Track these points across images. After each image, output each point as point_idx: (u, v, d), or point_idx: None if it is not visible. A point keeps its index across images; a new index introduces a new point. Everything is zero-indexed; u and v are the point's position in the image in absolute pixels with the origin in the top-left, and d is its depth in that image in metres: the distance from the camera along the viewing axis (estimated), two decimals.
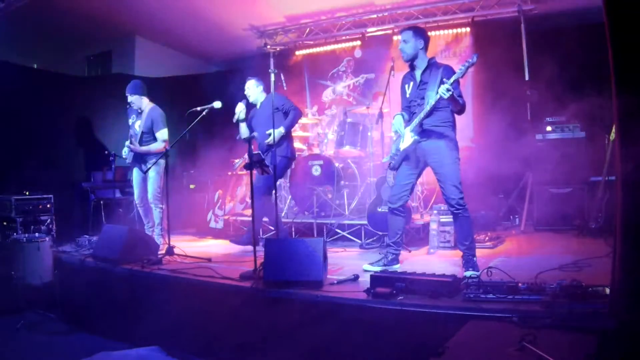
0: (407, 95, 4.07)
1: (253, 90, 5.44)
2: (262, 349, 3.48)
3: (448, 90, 3.57)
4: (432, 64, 3.94)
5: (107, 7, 7.30)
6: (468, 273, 3.66)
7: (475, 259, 3.90)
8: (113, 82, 8.21)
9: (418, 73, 3.97)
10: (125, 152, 5.48)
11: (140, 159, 5.49)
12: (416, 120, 3.88)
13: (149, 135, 5.44)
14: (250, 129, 5.37)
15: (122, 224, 6.19)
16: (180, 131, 5.34)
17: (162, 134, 5.44)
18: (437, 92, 3.64)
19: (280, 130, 5.12)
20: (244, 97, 5.34)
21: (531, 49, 6.63)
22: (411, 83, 4.03)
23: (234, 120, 5.24)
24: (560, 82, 5.94)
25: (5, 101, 6.37)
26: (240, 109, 5.18)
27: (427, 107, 3.78)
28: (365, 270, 3.98)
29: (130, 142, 5.41)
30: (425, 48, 3.97)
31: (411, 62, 4.00)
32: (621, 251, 2.26)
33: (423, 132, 3.89)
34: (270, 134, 5.00)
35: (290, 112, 5.24)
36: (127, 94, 5.48)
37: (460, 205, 3.84)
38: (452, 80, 3.60)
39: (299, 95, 8.20)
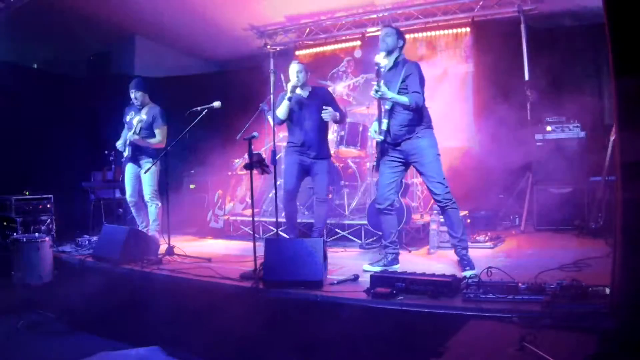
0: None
1: (304, 75, 4.77)
2: (262, 349, 3.48)
3: (376, 91, 3.59)
4: (398, 63, 3.92)
5: (107, 7, 7.29)
6: (467, 273, 3.67)
7: (467, 253, 3.91)
8: (113, 82, 8.21)
9: (384, 71, 3.93)
10: (119, 144, 5.56)
11: (137, 153, 5.52)
12: (381, 121, 3.89)
13: (147, 131, 5.51)
14: (289, 120, 4.83)
15: (122, 224, 6.21)
16: (180, 131, 5.34)
17: (162, 130, 5.52)
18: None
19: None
20: (243, 97, 5.31)
21: (531, 49, 6.62)
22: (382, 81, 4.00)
23: (289, 93, 4.66)
24: (560, 82, 5.95)
25: (5, 101, 6.37)
26: (290, 85, 4.66)
27: (382, 109, 3.81)
28: (365, 271, 3.97)
29: (134, 132, 5.42)
30: (402, 48, 3.98)
31: (386, 56, 3.95)
32: (621, 251, 2.26)
33: (391, 134, 3.90)
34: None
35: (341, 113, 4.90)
36: (131, 90, 5.56)
37: (447, 199, 3.85)
38: (377, 81, 3.62)
39: None
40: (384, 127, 3.87)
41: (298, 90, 4.80)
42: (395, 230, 4.16)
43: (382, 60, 3.73)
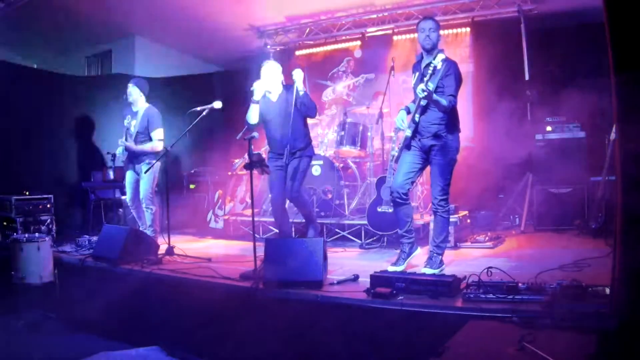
0: (412, 85, 4.03)
1: (275, 75, 4.61)
2: (262, 348, 3.48)
3: (423, 90, 3.54)
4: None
5: (107, 7, 7.30)
6: (425, 270, 3.73)
7: (440, 257, 3.91)
8: (113, 82, 8.22)
9: (424, 63, 3.92)
10: (119, 151, 5.50)
11: (134, 159, 5.51)
12: (410, 116, 3.88)
13: (143, 135, 5.46)
14: (262, 121, 4.68)
15: (122, 224, 6.21)
16: (180, 131, 5.34)
17: (157, 133, 5.46)
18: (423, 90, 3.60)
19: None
20: (243, 97, 5.28)
21: (531, 49, 6.63)
22: (417, 74, 3.99)
23: (252, 100, 4.52)
24: (560, 82, 5.95)
25: (5, 101, 6.37)
26: (258, 86, 4.47)
27: (417, 103, 3.79)
28: None
29: (125, 139, 5.42)
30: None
31: (427, 52, 3.91)
32: (621, 251, 2.26)
33: (418, 130, 3.88)
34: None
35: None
36: (128, 84, 5.52)
37: (440, 205, 3.89)
38: (426, 80, 3.58)
39: None
40: (417, 119, 3.85)
41: (270, 93, 4.60)
42: (411, 219, 4.08)
43: (439, 63, 3.64)
